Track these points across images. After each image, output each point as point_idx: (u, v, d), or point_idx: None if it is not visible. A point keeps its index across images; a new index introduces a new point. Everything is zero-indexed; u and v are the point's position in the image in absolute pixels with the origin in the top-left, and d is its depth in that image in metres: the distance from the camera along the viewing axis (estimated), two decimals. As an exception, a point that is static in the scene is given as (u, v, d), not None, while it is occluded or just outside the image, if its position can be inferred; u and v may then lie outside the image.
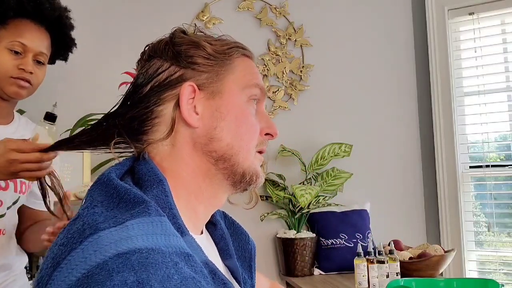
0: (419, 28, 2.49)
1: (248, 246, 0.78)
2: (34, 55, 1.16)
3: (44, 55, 1.19)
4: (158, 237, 0.50)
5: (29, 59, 1.15)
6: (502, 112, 2.35)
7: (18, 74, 1.14)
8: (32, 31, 1.16)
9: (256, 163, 0.68)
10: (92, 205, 0.55)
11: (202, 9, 2.27)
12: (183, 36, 0.67)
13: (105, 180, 0.59)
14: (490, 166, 2.32)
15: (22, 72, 1.14)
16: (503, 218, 2.35)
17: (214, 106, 0.65)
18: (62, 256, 0.49)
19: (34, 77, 1.17)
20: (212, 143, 0.64)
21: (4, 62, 1.13)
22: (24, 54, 1.15)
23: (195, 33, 0.70)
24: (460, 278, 1.18)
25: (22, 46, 1.14)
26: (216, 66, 0.66)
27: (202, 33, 0.70)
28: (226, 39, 0.69)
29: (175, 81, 0.65)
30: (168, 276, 0.46)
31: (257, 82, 0.69)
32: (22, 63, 1.14)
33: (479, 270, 2.33)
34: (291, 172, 2.28)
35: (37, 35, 1.17)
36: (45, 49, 1.19)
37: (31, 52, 1.15)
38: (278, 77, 2.36)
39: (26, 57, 1.15)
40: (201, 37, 0.67)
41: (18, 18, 1.15)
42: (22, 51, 1.14)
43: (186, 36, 0.67)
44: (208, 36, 0.69)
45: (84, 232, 0.50)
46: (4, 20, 1.13)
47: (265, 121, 0.70)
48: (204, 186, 0.65)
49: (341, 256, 2.13)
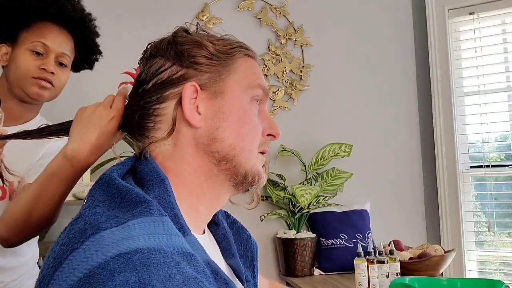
0: (419, 28, 2.49)
1: (250, 246, 0.78)
2: (56, 56, 1.14)
3: (66, 57, 1.17)
4: (160, 237, 0.50)
5: (51, 60, 1.13)
6: (502, 112, 2.35)
7: (39, 74, 1.12)
8: (54, 32, 1.15)
9: (258, 163, 0.67)
10: (93, 205, 0.55)
11: (202, 9, 2.27)
12: (185, 35, 0.67)
13: (107, 180, 0.59)
14: (490, 166, 2.32)
15: (43, 72, 1.12)
16: (503, 218, 2.35)
17: (217, 107, 0.64)
18: (63, 256, 0.49)
19: (56, 79, 1.15)
20: (215, 143, 0.64)
21: (26, 63, 1.11)
22: (46, 55, 1.13)
23: (197, 31, 0.69)
24: (464, 278, 1.18)
25: (43, 47, 1.12)
26: (219, 66, 0.65)
27: (205, 32, 0.69)
28: (229, 39, 0.69)
29: (176, 80, 0.64)
30: (170, 276, 0.46)
31: (260, 83, 0.68)
32: (43, 63, 1.12)
33: (479, 270, 2.33)
34: (291, 172, 2.28)
35: (59, 36, 1.16)
36: (67, 51, 1.17)
37: (53, 53, 1.14)
38: (278, 77, 2.36)
39: (48, 58, 1.13)
40: (203, 37, 0.67)
41: (41, 21, 1.14)
42: (44, 52, 1.13)
43: (188, 36, 0.67)
44: (211, 36, 0.68)
45: (85, 232, 0.50)
46: (27, 22, 1.13)
47: (267, 121, 0.69)
48: (206, 187, 0.65)
49: (341, 256, 2.13)
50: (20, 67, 1.12)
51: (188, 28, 0.69)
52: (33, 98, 1.15)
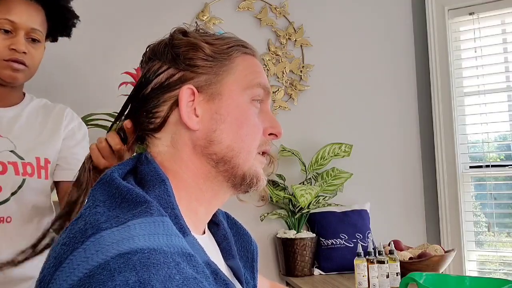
0: (419, 28, 2.49)
1: (250, 247, 0.78)
2: (26, 32, 1.05)
3: (38, 32, 1.07)
4: (160, 237, 0.50)
5: (20, 38, 1.04)
6: (502, 112, 2.35)
7: (10, 55, 1.03)
8: (21, 6, 1.05)
9: (257, 165, 0.67)
10: (94, 204, 0.55)
11: (202, 9, 2.27)
12: (181, 37, 0.67)
13: (108, 180, 0.59)
14: (490, 166, 2.32)
15: (14, 53, 1.03)
16: (503, 218, 2.35)
17: (214, 109, 0.64)
18: (64, 255, 0.49)
19: (28, 58, 1.06)
20: (212, 145, 0.64)
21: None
22: (15, 32, 1.04)
23: (197, 30, 0.69)
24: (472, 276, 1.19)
25: (11, 24, 1.03)
26: (215, 67, 0.65)
27: (203, 31, 0.69)
28: (228, 37, 0.68)
29: (174, 83, 0.64)
30: (170, 276, 0.46)
31: (260, 81, 0.67)
32: (13, 43, 1.03)
33: (479, 270, 2.33)
34: (291, 172, 2.28)
35: (26, 9, 1.05)
36: (38, 25, 1.07)
37: (22, 29, 1.04)
38: (278, 77, 2.36)
39: (17, 36, 1.04)
40: (200, 38, 0.66)
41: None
42: (12, 29, 1.03)
43: (184, 38, 0.66)
44: (209, 35, 0.68)
45: (86, 232, 0.50)
46: None
47: (269, 120, 0.69)
48: (204, 188, 0.65)
49: (341, 256, 2.13)
50: None
51: (187, 28, 0.69)
52: (7, 81, 1.07)
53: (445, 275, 1.32)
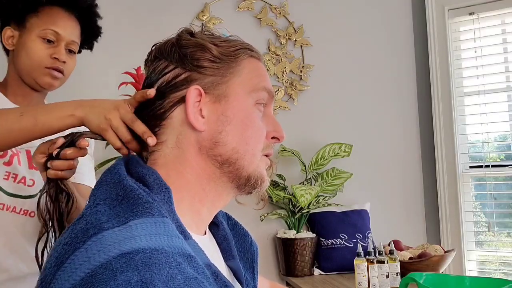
0: (419, 28, 2.49)
1: (250, 248, 0.78)
2: (66, 44, 1.13)
3: (75, 44, 1.16)
4: (162, 237, 0.50)
5: (62, 48, 1.11)
6: (502, 112, 2.35)
7: (52, 63, 1.10)
8: (65, 19, 1.13)
9: (262, 166, 0.67)
10: (94, 203, 0.55)
11: (202, 9, 2.27)
12: (189, 38, 0.67)
13: (116, 179, 0.59)
14: (490, 166, 2.32)
15: (55, 61, 1.11)
16: (503, 218, 2.35)
17: (220, 110, 0.64)
18: (65, 255, 0.50)
19: (66, 67, 1.14)
20: (217, 147, 0.64)
21: (38, 51, 1.09)
22: (57, 43, 1.11)
23: (203, 32, 0.69)
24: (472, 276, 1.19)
25: (55, 35, 1.10)
26: (222, 69, 0.65)
27: (210, 33, 0.69)
28: (234, 40, 0.69)
29: (180, 83, 0.64)
30: (172, 276, 0.46)
31: (265, 85, 0.68)
32: (55, 52, 1.10)
33: (479, 270, 2.33)
34: (291, 172, 2.28)
35: (69, 23, 1.14)
36: (76, 38, 1.16)
37: (64, 40, 1.12)
38: (278, 77, 2.36)
39: (59, 46, 1.11)
40: (208, 39, 0.67)
41: (49, 6, 1.12)
42: (55, 39, 1.11)
43: (192, 38, 0.67)
44: (215, 37, 0.68)
45: (87, 231, 0.51)
46: (35, 7, 1.11)
47: (272, 124, 0.69)
48: (208, 189, 0.65)
49: (341, 256, 2.13)
50: (31, 56, 1.09)
51: (193, 29, 0.69)
52: (44, 87, 1.14)
53: (445, 275, 1.33)
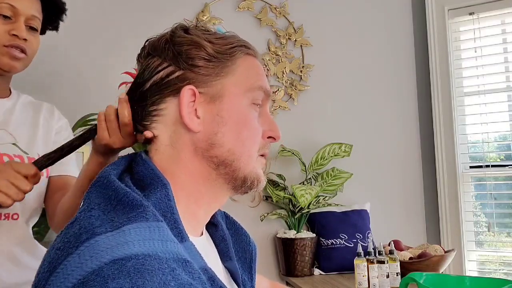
0: (419, 28, 2.49)
1: (249, 248, 0.76)
2: (26, 19, 1.01)
3: (36, 20, 1.04)
4: (155, 242, 0.49)
5: (21, 24, 1.00)
6: (502, 112, 2.35)
7: (11, 41, 0.99)
8: None
9: (258, 167, 0.66)
10: (89, 208, 0.54)
11: (202, 9, 2.27)
12: (183, 35, 0.65)
13: (105, 181, 0.58)
14: (490, 166, 2.32)
15: (15, 38, 0.99)
16: (503, 218, 2.35)
17: (215, 111, 0.62)
18: (58, 260, 0.49)
19: (28, 45, 1.02)
20: (213, 148, 0.62)
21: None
22: (15, 18, 1.00)
23: (198, 28, 0.66)
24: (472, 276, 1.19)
25: (11, 9, 0.99)
26: (217, 68, 0.63)
27: (204, 29, 0.67)
28: (230, 37, 0.66)
29: (173, 81, 0.63)
30: (165, 282, 0.45)
31: (261, 84, 0.66)
32: (14, 28, 0.99)
33: (479, 270, 2.33)
34: (291, 172, 2.28)
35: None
36: (37, 13, 1.04)
37: (23, 15, 1.00)
38: (278, 77, 2.36)
39: (18, 22, 1.00)
40: (203, 36, 0.64)
41: None
42: (12, 14, 0.99)
43: (187, 36, 0.64)
44: (211, 34, 0.66)
45: (80, 236, 0.50)
46: None
47: (268, 123, 0.67)
48: (204, 190, 0.64)
49: (341, 256, 2.13)
50: None
51: (188, 25, 0.67)
52: (4, 70, 1.02)
53: (445, 275, 1.32)
